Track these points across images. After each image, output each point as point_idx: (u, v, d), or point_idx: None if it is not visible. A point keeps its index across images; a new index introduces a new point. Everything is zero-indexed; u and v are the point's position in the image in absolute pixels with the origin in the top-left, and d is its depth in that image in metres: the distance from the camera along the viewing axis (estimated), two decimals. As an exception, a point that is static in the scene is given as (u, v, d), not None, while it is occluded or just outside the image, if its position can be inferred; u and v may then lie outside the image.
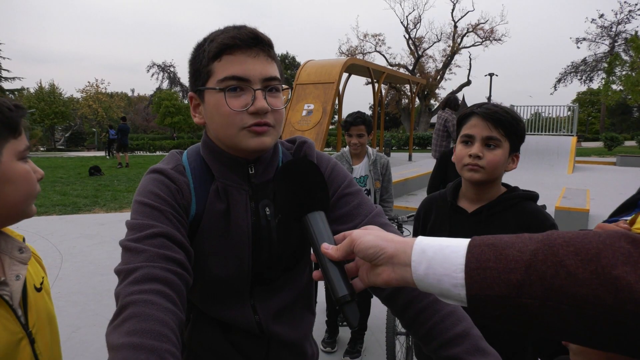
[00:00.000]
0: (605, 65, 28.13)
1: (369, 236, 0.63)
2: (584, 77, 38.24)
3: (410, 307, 0.83)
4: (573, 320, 0.46)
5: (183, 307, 0.79)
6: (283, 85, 0.95)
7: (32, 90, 40.74)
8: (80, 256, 5.41)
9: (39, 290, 1.01)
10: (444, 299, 0.56)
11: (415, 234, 1.67)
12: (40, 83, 40.48)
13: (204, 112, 0.95)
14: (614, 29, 33.91)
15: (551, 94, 59.43)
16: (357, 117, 3.10)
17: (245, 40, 0.88)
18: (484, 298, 0.50)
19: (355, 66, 12.90)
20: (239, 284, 1.00)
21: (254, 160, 0.98)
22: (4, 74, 34.20)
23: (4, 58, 33.98)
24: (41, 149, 40.32)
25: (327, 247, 0.69)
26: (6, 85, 34.96)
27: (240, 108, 0.88)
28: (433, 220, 1.58)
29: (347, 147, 3.24)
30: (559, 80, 39.43)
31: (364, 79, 26.74)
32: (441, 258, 0.55)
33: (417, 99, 28.11)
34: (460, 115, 1.48)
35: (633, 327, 0.43)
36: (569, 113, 18.48)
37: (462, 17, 42.56)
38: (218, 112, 0.90)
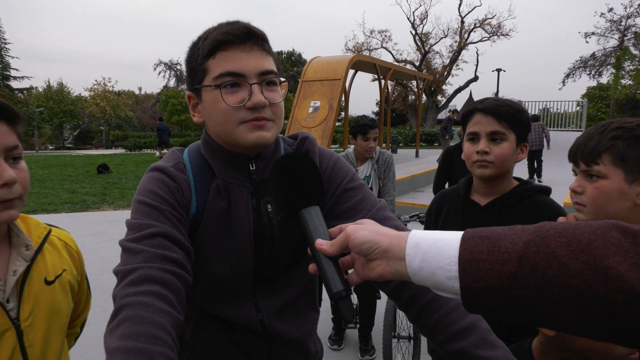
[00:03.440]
0: (614, 59, 27.77)
1: (363, 231, 0.63)
2: (593, 72, 37.72)
3: (416, 300, 0.82)
4: (565, 310, 0.46)
5: (181, 308, 0.78)
6: (281, 79, 0.94)
7: (40, 89, 41.17)
8: (88, 254, 5.45)
9: (50, 282, 1.02)
10: (438, 291, 0.56)
11: (427, 229, 1.64)
12: (49, 82, 40.93)
13: (202, 111, 0.95)
14: (623, 23, 33.45)
15: (560, 89, 58.73)
16: (373, 120, 3.13)
17: (238, 36, 0.87)
18: (478, 290, 0.50)
19: (361, 62, 12.86)
20: (241, 282, 0.99)
21: (254, 157, 0.97)
22: (13, 73, 34.47)
23: (12, 57, 34.28)
24: (50, 147, 40.78)
25: (322, 243, 0.69)
26: (15, 85, 35.25)
27: (237, 104, 0.87)
28: (445, 214, 1.57)
29: (352, 147, 3.24)
30: (567, 75, 38.92)
31: (370, 76, 26.67)
32: (435, 251, 0.55)
33: (424, 95, 27.97)
34: (463, 114, 1.49)
35: (624, 316, 0.43)
36: (578, 108, 18.34)
37: (469, 12, 42.59)
38: (215, 109, 0.89)
